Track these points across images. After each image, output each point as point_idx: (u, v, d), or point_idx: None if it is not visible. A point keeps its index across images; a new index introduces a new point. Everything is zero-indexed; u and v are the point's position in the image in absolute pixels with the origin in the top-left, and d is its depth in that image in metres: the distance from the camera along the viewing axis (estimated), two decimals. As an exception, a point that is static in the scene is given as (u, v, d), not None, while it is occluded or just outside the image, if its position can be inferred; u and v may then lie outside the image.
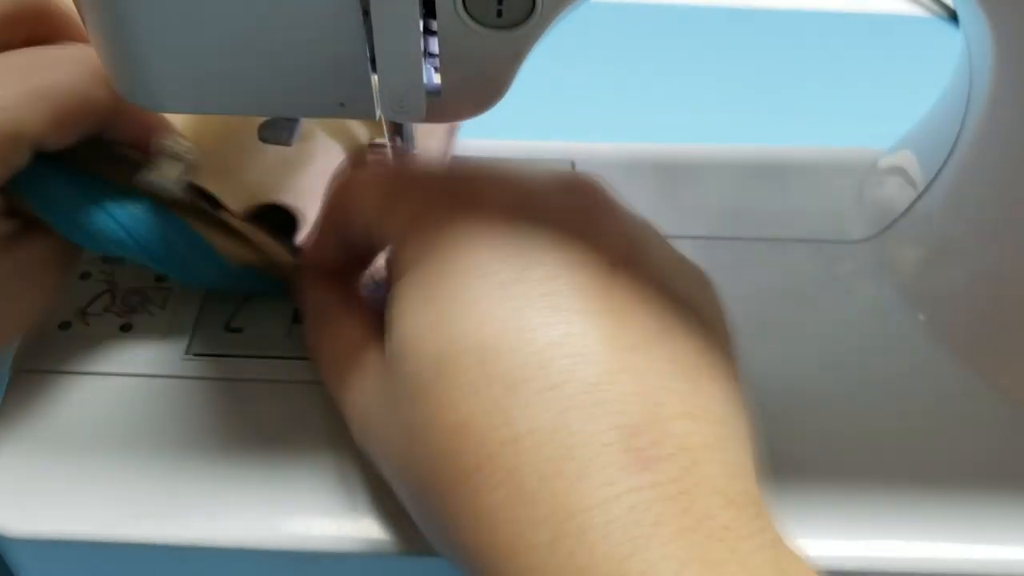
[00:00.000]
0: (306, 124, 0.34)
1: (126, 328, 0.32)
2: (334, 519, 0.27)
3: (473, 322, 0.21)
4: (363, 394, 0.25)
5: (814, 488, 0.29)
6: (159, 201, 0.31)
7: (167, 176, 0.30)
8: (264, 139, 0.33)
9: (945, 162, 0.33)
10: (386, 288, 0.25)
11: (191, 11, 0.22)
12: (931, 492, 0.29)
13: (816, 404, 0.31)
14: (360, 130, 0.38)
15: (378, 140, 0.35)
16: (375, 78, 0.24)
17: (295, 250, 0.32)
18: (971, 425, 0.31)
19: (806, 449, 0.30)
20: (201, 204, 0.31)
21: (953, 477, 0.30)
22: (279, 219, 0.33)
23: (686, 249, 0.36)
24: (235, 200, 0.31)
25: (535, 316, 0.21)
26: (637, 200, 0.38)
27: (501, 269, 0.22)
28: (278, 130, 0.34)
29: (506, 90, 0.24)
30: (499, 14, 0.22)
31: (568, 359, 0.20)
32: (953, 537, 0.28)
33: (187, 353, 0.32)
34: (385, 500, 0.27)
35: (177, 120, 0.32)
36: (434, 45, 0.23)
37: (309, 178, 0.34)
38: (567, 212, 0.23)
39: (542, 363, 0.20)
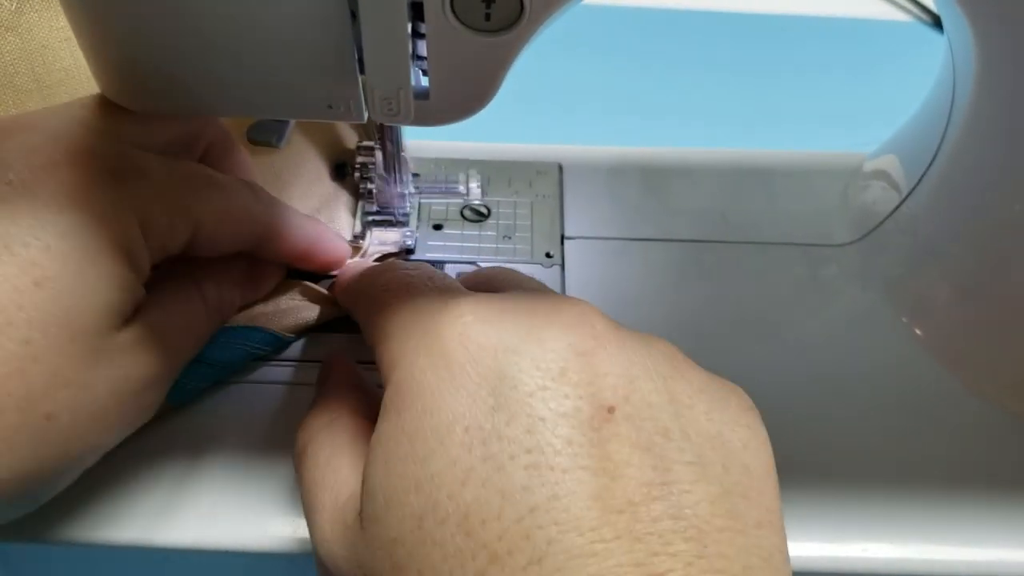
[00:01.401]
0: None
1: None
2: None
3: (453, 485, 0.20)
4: (334, 534, 0.23)
5: (799, 490, 0.29)
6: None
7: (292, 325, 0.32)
8: (252, 141, 0.33)
9: (929, 166, 0.34)
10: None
11: (180, 12, 0.22)
12: (912, 494, 0.29)
13: (800, 405, 0.32)
14: (347, 132, 0.38)
15: (366, 143, 0.35)
16: (363, 80, 0.24)
17: None
18: (951, 427, 0.32)
19: (790, 450, 0.30)
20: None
21: (934, 479, 0.30)
22: None
23: (673, 252, 0.37)
24: None
25: (518, 477, 0.19)
26: (624, 203, 0.39)
27: (482, 423, 0.20)
28: (267, 132, 0.34)
29: (495, 93, 0.24)
30: (487, 18, 0.22)
31: (554, 527, 0.19)
32: (935, 538, 0.28)
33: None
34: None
35: None
36: (423, 48, 0.23)
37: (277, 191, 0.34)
38: (557, 352, 0.21)
39: (526, 532, 0.19)
